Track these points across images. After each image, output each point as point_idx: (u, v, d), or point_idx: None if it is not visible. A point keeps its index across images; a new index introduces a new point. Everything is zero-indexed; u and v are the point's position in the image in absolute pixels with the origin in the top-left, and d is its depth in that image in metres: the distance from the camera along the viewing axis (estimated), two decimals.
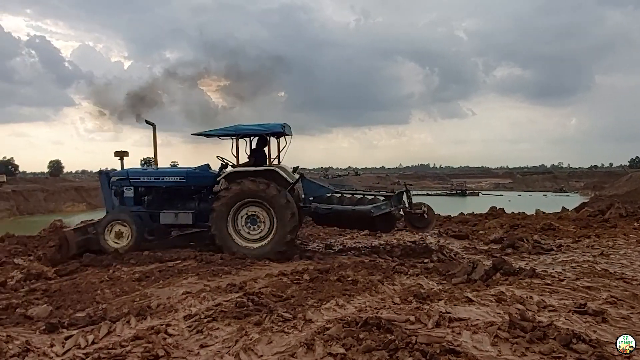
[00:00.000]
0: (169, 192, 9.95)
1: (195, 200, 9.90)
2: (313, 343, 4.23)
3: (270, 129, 9.42)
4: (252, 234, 8.97)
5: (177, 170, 10.17)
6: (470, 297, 5.59)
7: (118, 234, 9.30)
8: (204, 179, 9.87)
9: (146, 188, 10.04)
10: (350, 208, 9.41)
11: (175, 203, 9.85)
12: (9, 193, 69.44)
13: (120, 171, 10.22)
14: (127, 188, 9.93)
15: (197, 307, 5.59)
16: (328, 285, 6.45)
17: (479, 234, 11.52)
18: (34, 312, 5.50)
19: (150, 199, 9.99)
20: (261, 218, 8.94)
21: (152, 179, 9.93)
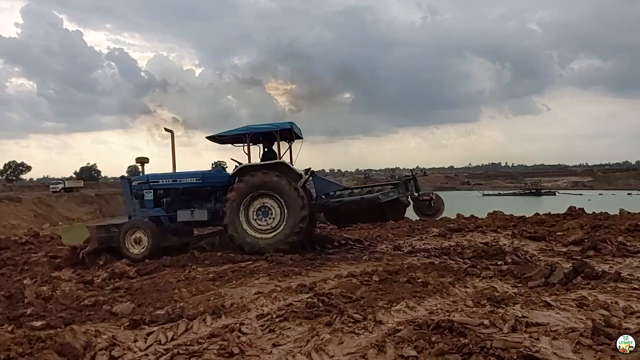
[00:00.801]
0: (186, 193, 10.43)
1: (211, 200, 10.34)
2: (384, 345, 4.21)
3: (279, 126, 9.77)
4: (263, 225, 9.33)
5: (193, 172, 10.56)
6: (549, 302, 5.34)
7: (137, 240, 9.75)
8: (219, 179, 10.28)
9: (165, 190, 10.54)
10: (359, 197, 9.56)
11: (193, 203, 10.31)
12: (93, 197, 74.15)
13: (141, 176, 10.78)
14: (147, 191, 10.48)
15: (269, 307, 5.71)
16: (398, 287, 6.38)
17: (557, 235, 10.96)
18: (118, 309, 5.87)
19: (169, 200, 10.51)
20: (272, 210, 9.31)
21: (170, 181, 10.43)
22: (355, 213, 9.89)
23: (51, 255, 9.92)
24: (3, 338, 4.39)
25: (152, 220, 10.15)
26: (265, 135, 10.21)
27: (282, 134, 10.00)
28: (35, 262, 9.43)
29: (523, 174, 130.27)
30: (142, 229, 9.74)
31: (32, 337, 4.34)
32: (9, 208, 59.25)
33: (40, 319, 5.58)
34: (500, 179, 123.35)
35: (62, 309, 6.07)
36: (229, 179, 10.04)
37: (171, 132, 11.11)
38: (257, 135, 10.17)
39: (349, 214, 9.96)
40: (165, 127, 11.28)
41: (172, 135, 11.10)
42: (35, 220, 56.71)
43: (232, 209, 9.26)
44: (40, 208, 63.68)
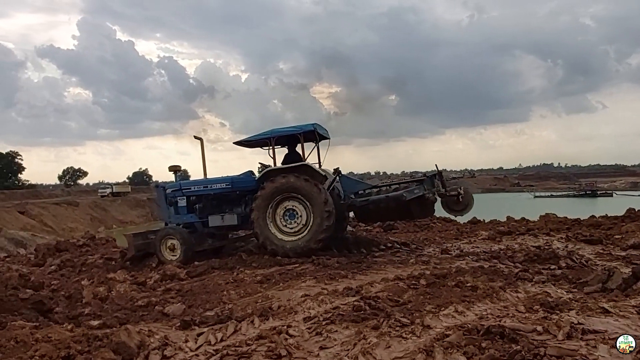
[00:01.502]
0: (217, 199, 10.65)
1: (241, 204, 10.52)
2: (432, 350, 4.14)
3: (302, 129, 9.85)
4: (291, 228, 9.44)
5: (222, 178, 10.73)
6: (607, 308, 5.11)
7: (171, 247, 10.03)
8: (248, 184, 10.40)
9: (197, 197, 10.80)
10: (384, 196, 9.51)
11: (224, 208, 10.54)
12: (145, 200, 76.66)
13: (174, 183, 11.06)
14: (180, 198, 10.76)
15: (316, 310, 5.73)
16: (446, 291, 6.27)
17: (615, 238, 10.47)
18: (170, 309, 6.04)
19: (201, 206, 10.75)
20: (298, 212, 9.40)
21: (202, 187, 10.67)
22: (383, 211, 9.86)
23: (106, 257, 10.33)
24: (63, 336, 4.61)
25: (186, 226, 10.56)
26: (290, 138, 10.32)
27: (306, 135, 10.10)
28: (92, 263, 9.85)
29: (577, 175, 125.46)
30: (174, 236, 10.06)
31: (90, 335, 4.53)
32: (67, 212, 62.13)
33: (97, 318, 5.81)
34: (552, 180, 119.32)
35: (117, 309, 6.31)
36: (256, 184, 10.18)
37: (200, 139, 11.37)
38: (281, 139, 10.30)
39: (377, 213, 9.96)
40: (195, 135, 11.53)
41: (201, 143, 11.37)
42: (91, 224, 59.21)
43: (260, 214, 9.48)
44: (96, 212, 66.43)
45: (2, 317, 5.49)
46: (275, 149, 10.13)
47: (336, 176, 9.90)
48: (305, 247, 9.11)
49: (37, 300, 6.02)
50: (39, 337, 4.55)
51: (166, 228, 10.55)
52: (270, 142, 10.05)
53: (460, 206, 9.49)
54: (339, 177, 9.92)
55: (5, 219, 49.64)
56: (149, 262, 9.89)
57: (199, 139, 11.35)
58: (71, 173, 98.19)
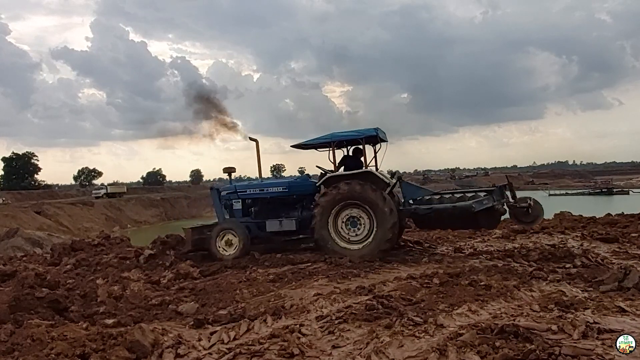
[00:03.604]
0: (273, 202, 10.45)
1: (297, 208, 10.32)
2: (446, 349, 4.12)
3: (364, 134, 9.58)
4: (352, 236, 9.17)
5: (279, 181, 10.67)
6: (623, 307, 5.05)
7: (228, 242, 9.90)
8: (305, 188, 10.24)
9: (252, 200, 10.66)
10: (451, 205, 9.16)
11: (279, 212, 10.33)
12: (158, 200, 77.37)
13: (229, 185, 10.92)
14: (235, 201, 10.62)
15: (328, 309, 5.73)
16: (459, 290, 6.24)
17: (631, 237, 10.33)
18: (183, 308, 6.08)
19: (257, 209, 10.62)
20: (361, 220, 9.13)
21: (257, 190, 10.50)
22: (446, 220, 9.57)
23: (121, 257, 10.40)
24: (79, 334, 4.66)
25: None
26: (351, 142, 10.10)
27: (367, 140, 9.82)
28: (107, 263, 9.92)
29: (592, 173, 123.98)
30: (233, 231, 9.93)
31: (105, 334, 4.57)
32: (83, 212, 62.93)
33: (111, 317, 5.87)
34: (567, 178, 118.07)
35: (132, 307, 6.36)
36: (314, 188, 10.04)
37: (256, 141, 11.04)
38: (342, 143, 10.05)
39: (439, 221, 9.70)
40: (250, 137, 11.23)
41: (257, 144, 11.05)
42: (106, 223, 59.92)
43: (321, 222, 9.18)
44: (110, 211, 67.18)
45: (19, 315, 5.57)
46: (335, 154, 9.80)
47: (396, 182, 9.53)
48: (368, 256, 8.74)
49: (53, 299, 6.09)
50: (54, 336, 4.61)
51: (226, 222, 10.38)
52: (330, 147, 9.79)
53: (529, 218, 9.19)
54: (400, 183, 9.53)
55: (22, 219, 50.42)
56: (162, 262, 9.94)
57: (254, 140, 11.07)
58: (86, 173, 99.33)
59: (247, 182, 11.01)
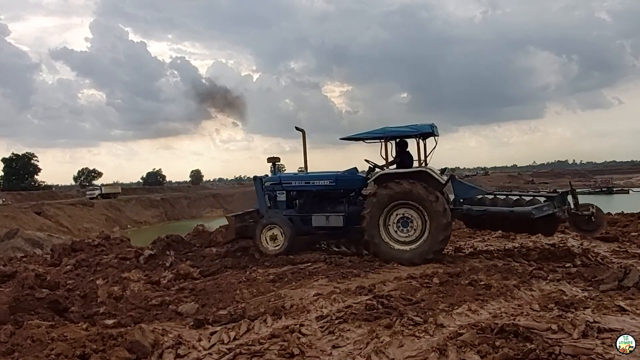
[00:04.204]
0: (319, 196, 10.17)
1: (344, 203, 10.03)
2: (446, 348, 4.13)
3: (419, 129, 9.20)
4: (404, 237, 8.77)
5: (327, 174, 10.29)
6: (623, 306, 5.06)
7: (272, 237, 9.69)
8: (353, 183, 10.00)
9: (297, 192, 10.39)
10: (508, 209, 8.87)
11: (325, 206, 10.03)
12: (159, 201, 77.32)
13: (274, 176, 10.66)
14: (279, 192, 10.34)
15: (328, 309, 5.73)
16: (459, 290, 6.24)
17: (631, 236, 10.35)
18: (183, 309, 6.09)
19: (302, 202, 10.35)
20: (413, 220, 8.74)
21: (303, 183, 10.24)
22: (499, 222, 9.38)
23: (121, 257, 10.40)
24: (79, 335, 4.67)
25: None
26: (402, 137, 9.69)
27: (422, 136, 9.44)
28: (107, 263, 9.92)
29: (592, 172, 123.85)
30: (280, 227, 9.70)
31: (105, 334, 4.58)
32: (83, 212, 62.88)
33: (111, 317, 5.87)
34: (567, 177, 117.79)
35: (132, 308, 6.36)
36: (362, 182, 9.90)
37: (302, 131, 10.75)
38: (395, 139, 9.64)
39: (491, 222, 9.49)
40: (297, 127, 10.89)
41: (303, 134, 10.76)
42: (106, 224, 59.86)
43: (372, 220, 8.78)
44: (110, 212, 67.11)
45: (19, 316, 5.57)
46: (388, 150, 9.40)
47: (448, 180, 9.25)
48: (421, 257, 8.43)
49: (53, 299, 6.09)
50: (54, 336, 4.61)
51: (273, 216, 10.06)
52: (383, 142, 9.40)
53: (591, 226, 8.80)
54: (452, 182, 9.24)
55: (22, 219, 50.39)
56: (163, 262, 9.93)
57: (300, 130, 10.80)
58: (86, 174, 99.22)
59: (293, 174, 10.72)
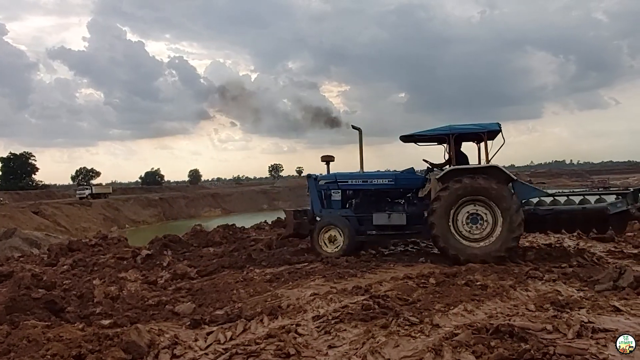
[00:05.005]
0: (377, 195, 9.99)
1: (402, 203, 9.94)
2: (441, 349, 4.14)
3: (487, 128, 9.00)
4: (473, 234, 8.59)
5: (385, 173, 10.18)
6: (618, 306, 5.08)
7: (331, 239, 9.42)
8: (412, 182, 9.87)
9: (354, 191, 10.17)
10: (580, 207, 8.90)
11: (383, 206, 9.82)
12: (157, 200, 77.28)
13: (328, 175, 10.39)
14: (334, 191, 10.07)
15: (325, 309, 5.74)
16: (455, 290, 6.26)
17: (627, 236, 10.40)
18: (180, 308, 6.09)
19: (358, 202, 10.12)
20: (483, 217, 8.56)
21: (360, 182, 9.98)
22: (566, 221, 9.15)
23: (118, 257, 10.40)
24: (75, 335, 4.67)
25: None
26: (469, 136, 9.52)
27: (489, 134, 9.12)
28: (104, 263, 9.91)
29: (590, 172, 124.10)
30: (339, 228, 9.42)
31: (101, 335, 4.58)
32: (80, 212, 62.80)
33: (108, 317, 5.87)
34: (565, 177, 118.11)
35: (128, 308, 6.37)
36: (422, 182, 9.79)
37: (359, 129, 10.48)
38: (460, 136, 9.42)
39: (556, 222, 9.22)
40: (353, 125, 10.67)
41: (359, 133, 10.49)
42: (104, 223, 59.81)
43: (442, 217, 8.54)
44: (108, 211, 67.04)
45: (15, 316, 5.58)
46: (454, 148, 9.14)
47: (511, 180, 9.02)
48: (493, 255, 8.22)
49: (49, 299, 6.10)
50: (50, 337, 4.62)
51: (332, 216, 9.77)
52: (448, 140, 9.25)
53: None
54: (512, 183, 8.97)
55: (20, 219, 50.30)
56: (160, 262, 9.94)
57: (357, 128, 10.54)
58: (84, 173, 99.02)
59: (349, 173, 10.47)
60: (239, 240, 12.20)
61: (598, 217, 8.79)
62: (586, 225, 9.27)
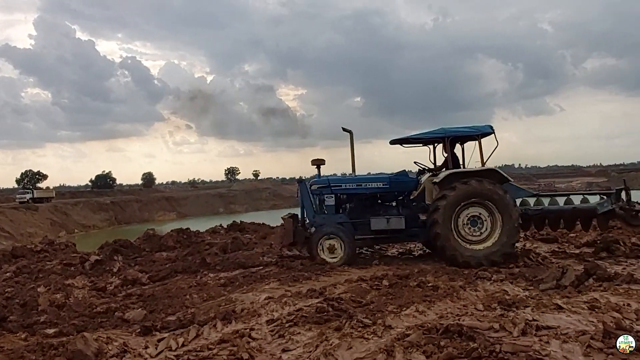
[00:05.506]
0: (370, 199, 9.85)
1: (396, 206, 9.87)
2: (393, 349, 4.21)
3: (480, 130, 9.11)
4: (473, 235, 8.65)
5: (379, 176, 10.01)
6: (560, 304, 5.30)
7: (331, 248, 9.07)
8: (406, 185, 9.80)
9: (348, 195, 9.94)
10: (570, 207, 9.39)
11: (376, 210, 9.72)
12: (108, 204, 74.92)
13: (321, 179, 10.05)
14: (327, 196, 9.77)
15: (279, 312, 5.73)
16: (408, 291, 6.37)
17: (569, 236, 10.86)
18: (130, 315, 5.92)
19: (352, 206, 9.92)
20: (483, 219, 8.64)
21: (354, 185, 9.75)
22: (555, 220, 9.57)
23: (65, 263, 10.03)
24: (17, 345, 4.49)
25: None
26: (464, 138, 9.57)
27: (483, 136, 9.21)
28: (50, 270, 9.54)
29: (537, 175, 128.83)
30: (339, 238, 9.04)
31: (45, 344, 4.42)
32: (26, 216, 60.07)
33: (53, 326, 5.65)
34: (514, 180, 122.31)
35: (75, 316, 6.14)
36: (415, 185, 9.72)
37: (350, 132, 10.29)
38: (455, 139, 9.50)
39: (542, 221, 9.59)
40: (343, 127, 10.40)
41: (351, 135, 10.29)
42: (52, 228, 57.46)
43: (444, 219, 8.52)
44: (56, 216, 64.45)
45: None
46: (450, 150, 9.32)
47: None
48: (493, 257, 8.33)
49: None
50: None
51: (325, 226, 9.32)
52: (444, 142, 9.31)
53: (637, 221, 9.21)
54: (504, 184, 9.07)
55: None
56: (110, 268, 9.64)
57: (348, 131, 10.30)
58: (30, 176, 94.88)
59: (341, 176, 10.25)
60: (193, 245, 11.98)
61: (587, 216, 9.41)
62: (572, 224, 9.81)
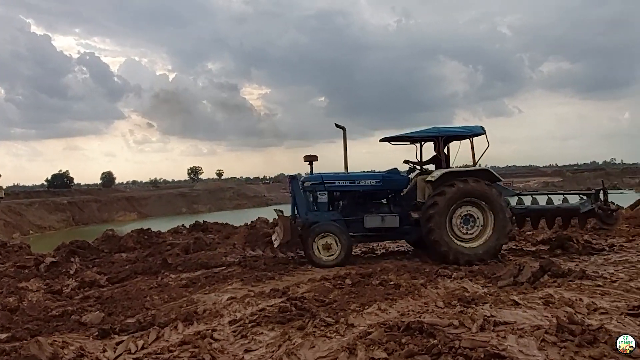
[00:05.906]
0: (363, 197, 9.81)
1: (388, 204, 9.90)
2: (355, 348, 4.24)
3: (472, 130, 9.33)
4: (466, 233, 8.79)
5: (372, 174, 10.02)
6: (517, 300, 5.47)
7: (326, 246, 8.85)
8: (399, 183, 9.79)
9: (341, 192, 9.86)
10: (554, 206, 9.75)
11: (369, 207, 9.71)
12: (66, 204, 72.63)
13: (314, 176, 9.88)
14: (320, 193, 9.64)
15: (242, 313, 5.70)
16: (370, 290, 6.44)
17: (526, 234, 11.21)
18: (87, 318, 5.75)
19: (345, 203, 9.87)
20: (476, 217, 8.79)
21: (348, 183, 9.66)
22: (537, 219, 10.10)
23: (19, 266, 9.67)
24: None
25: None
26: (457, 138, 9.63)
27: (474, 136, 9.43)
28: (2, 272, 9.18)
29: None
30: (335, 236, 8.86)
31: None
32: None
33: (5, 331, 5.42)
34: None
35: (29, 320, 5.91)
36: (406, 183, 9.70)
37: (343, 128, 10.09)
38: (448, 138, 9.57)
39: (520, 220, 9.98)
40: (336, 124, 10.17)
41: (344, 132, 10.08)
42: (5, 229, 55.24)
43: (440, 214, 8.60)
44: (10, 217, 62.02)
45: None
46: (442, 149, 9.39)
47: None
48: (485, 254, 8.45)
49: None
50: None
51: (327, 223, 9.15)
52: (437, 141, 9.41)
53: (611, 220, 9.64)
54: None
55: None
56: (66, 270, 9.35)
57: (341, 127, 10.07)
58: None
59: (335, 174, 10.06)
60: (155, 245, 11.74)
61: (569, 216, 9.79)
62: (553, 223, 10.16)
